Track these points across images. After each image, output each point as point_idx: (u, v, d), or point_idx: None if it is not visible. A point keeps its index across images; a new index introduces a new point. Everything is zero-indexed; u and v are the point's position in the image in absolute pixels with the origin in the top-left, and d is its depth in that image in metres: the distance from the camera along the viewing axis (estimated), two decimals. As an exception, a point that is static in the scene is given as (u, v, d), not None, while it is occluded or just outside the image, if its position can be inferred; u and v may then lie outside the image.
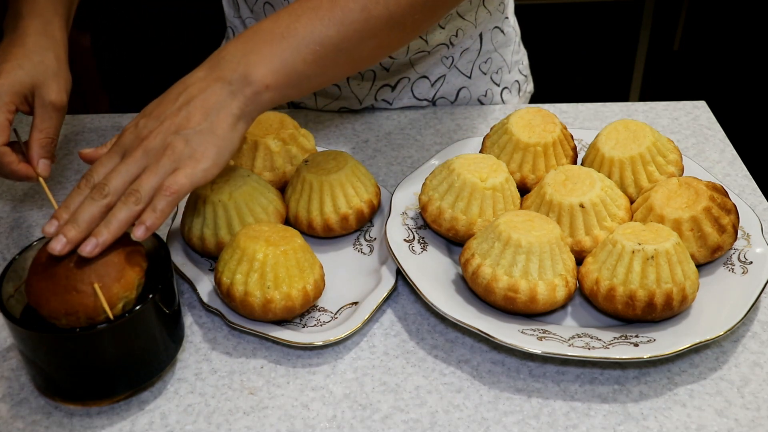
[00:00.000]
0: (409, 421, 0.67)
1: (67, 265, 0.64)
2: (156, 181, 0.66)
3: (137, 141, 0.67)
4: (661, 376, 0.70)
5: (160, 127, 0.67)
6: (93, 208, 0.65)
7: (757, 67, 2.90)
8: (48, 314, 0.64)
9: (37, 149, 0.77)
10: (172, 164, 0.66)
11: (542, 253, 0.71)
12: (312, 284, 0.73)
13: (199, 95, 0.68)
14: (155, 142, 0.66)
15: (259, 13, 1.01)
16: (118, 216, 0.65)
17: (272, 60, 0.69)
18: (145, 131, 0.67)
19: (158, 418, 0.67)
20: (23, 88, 0.77)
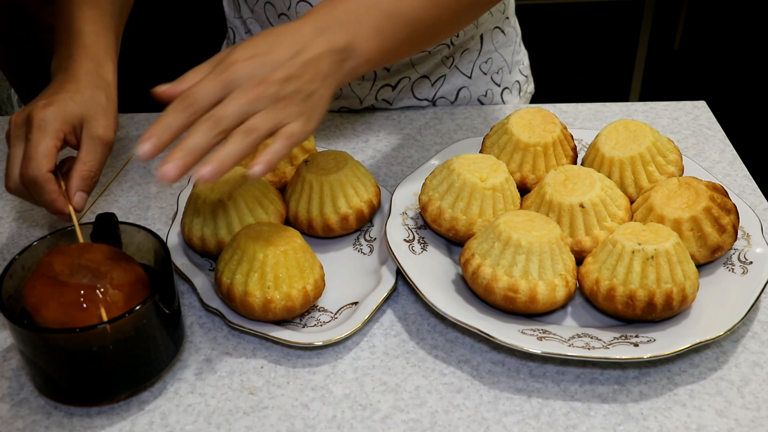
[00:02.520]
0: (409, 421, 0.67)
1: (79, 280, 0.65)
2: (273, 125, 0.65)
3: (253, 81, 0.65)
4: (661, 376, 0.70)
5: (277, 74, 0.66)
6: (206, 138, 0.63)
7: (757, 67, 2.90)
8: (43, 319, 0.64)
9: (77, 181, 0.74)
10: (286, 115, 0.66)
11: (542, 253, 0.71)
12: (312, 284, 0.73)
13: (313, 60, 0.68)
14: (272, 90, 0.66)
15: (260, 13, 1.02)
16: (238, 149, 0.64)
17: (376, 37, 0.72)
18: (262, 73, 0.66)
19: (158, 418, 0.67)
20: (73, 118, 0.75)
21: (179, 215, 0.86)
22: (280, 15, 0.99)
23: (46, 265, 0.66)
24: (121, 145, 1.02)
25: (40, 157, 0.72)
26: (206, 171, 0.62)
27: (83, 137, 0.76)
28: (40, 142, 0.72)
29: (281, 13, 0.98)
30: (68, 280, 0.65)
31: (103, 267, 0.66)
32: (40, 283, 0.66)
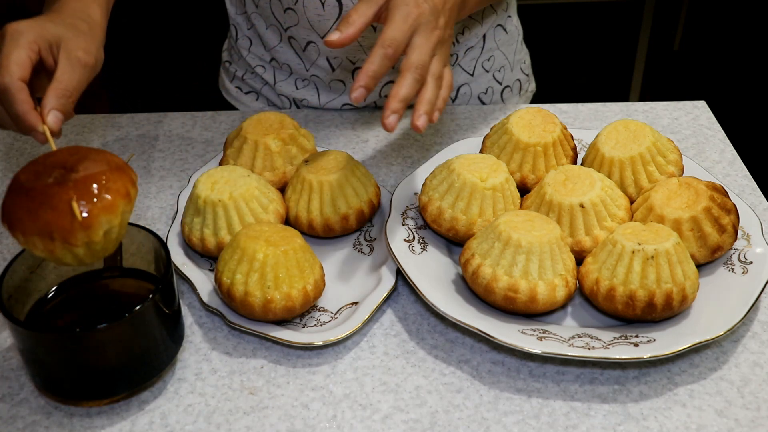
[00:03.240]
0: (409, 421, 0.67)
1: (45, 181, 0.59)
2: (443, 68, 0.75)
3: (429, 26, 0.73)
4: (661, 376, 0.70)
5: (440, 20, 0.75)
6: (415, 88, 0.71)
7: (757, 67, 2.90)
8: (23, 236, 0.59)
9: (51, 99, 0.69)
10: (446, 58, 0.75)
11: (542, 253, 0.71)
12: (312, 284, 0.73)
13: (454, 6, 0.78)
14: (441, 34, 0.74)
15: (265, 8, 1.01)
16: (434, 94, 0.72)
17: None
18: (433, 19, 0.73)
19: (158, 418, 0.67)
20: (49, 35, 0.72)
21: (179, 215, 0.86)
22: (286, 9, 0.99)
23: (14, 181, 0.61)
24: (121, 145, 1.02)
25: (11, 64, 0.68)
26: (423, 121, 0.71)
27: (60, 56, 0.72)
28: (12, 51, 0.69)
29: (287, 8, 0.98)
30: (34, 185, 0.59)
31: (69, 162, 0.61)
32: (8, 200, 0.60)
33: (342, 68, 1.03)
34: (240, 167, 0.82)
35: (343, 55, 1.01)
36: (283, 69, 1.07)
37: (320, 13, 0.96)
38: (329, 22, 0.97)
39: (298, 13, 0.98)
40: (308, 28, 0.98)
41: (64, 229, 0.58)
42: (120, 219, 0.61)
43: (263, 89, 1.11)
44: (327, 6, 0.95)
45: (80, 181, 0.59)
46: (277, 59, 1.06)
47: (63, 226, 0.58)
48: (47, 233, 0.58)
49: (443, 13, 0.75)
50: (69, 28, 0.74)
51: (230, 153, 0.89)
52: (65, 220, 0.58)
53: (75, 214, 0.58)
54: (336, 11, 0.95)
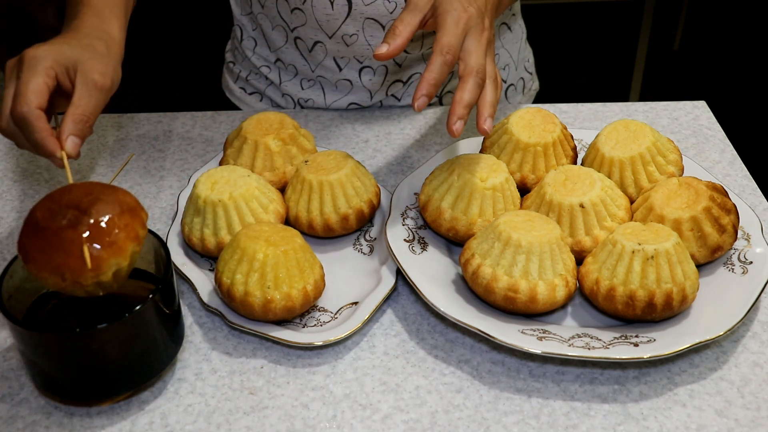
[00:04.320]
0: (409, 421, 0.67)
1: (59, 223, 0.62)
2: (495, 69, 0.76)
3: (478, 29, 0.74)
4: (661, 376, 0.70)
5: (486, 21, 0.76)
6: (477, 92, 0.73)
7: (757, 67, 2.90)
8: (36, 271, 0.62)
9: (69, 124, 0.70)
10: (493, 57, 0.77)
11: (542, 253, 0.71)
12: (312, 284, 0.73)
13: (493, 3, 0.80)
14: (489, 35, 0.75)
15: (271, 8, 1.01)
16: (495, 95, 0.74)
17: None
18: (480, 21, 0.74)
19: (158, 418, 0.67)
20: (66, 59, 0.72)
21: (179, 215, 0.86)
22: (293, 10, 0.99)
23: (30, 215, 0.63)
24: (121, 145, 1.02)
25: (29, 93, 0.69)
26: (489, 124, 0.74)
27: (77, 81, 0.72)
28: (30, 79, 0.70)
29: (294, 8, 0.98)
30: (48, 225, 0.62)
31: (83, 204, 0.63)
32: (25, 235, 0.63)
33: (349, 68, 1.03)
34: (240, 167, 0.82)
35: (351, 54, 1.01)
36: (289, 69, 1.07)
37: (329, 13, 0.96)
38: (338, 22, 0.97)
39: (306, 13, 0.97)
40: (316, 27, 0.98)
41: (75, 271, 0.61)
42: (129, 260, 0.64)
43: (267, 90, 1.11)
44: (336, 5, 0.95)
45: (92, 226, 0.62)
46: (283, 60, 1.06)
47: (74, 268, 0.61)
48: (59, 273, 0.61)
49: (486, 14, 0.76)
50: (86, 49, 0.74)
51: (230, 153, 0.89)
52: (76, 263, 0.61)
53: (85, 259, 0.61)
54: (345, 10, 0.95)
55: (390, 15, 0.96)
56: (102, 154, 1.00)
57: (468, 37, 0.73)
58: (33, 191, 0.94)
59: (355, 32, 0.97)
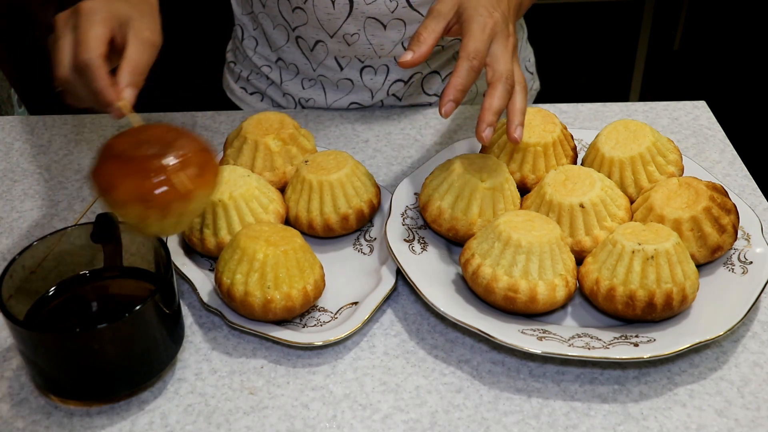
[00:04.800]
0: (409, 421, 0.67)
1: (146, 152, 0.62)
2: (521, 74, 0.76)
3: (504, 35, 0.74)
4: (661, 376, 0.70)
5: (510, 27, 0.76)
6: (506, 98, 0.73)
7: (757, 67, 2.90)
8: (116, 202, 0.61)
9: (125, 75, 0.70)
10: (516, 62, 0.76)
11: (542, 253, 0.71)
12: (312, 284, 0.73)
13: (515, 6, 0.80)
14: (513, 41, 0.76)
15: (272, 7, 1.01)
16: (524, 102, 0.75)
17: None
18: (505, 27, 0.74)
19: (158, 418, 0.67)
20: (119, 14, 0.72)
21: (179, 215, 0.86)
22: (294, 9, 0.98)
23: (109, 148, 0.63)
24: (121, 145, 1.02)
25: (92, 40, 0.69)
26: (520, 132, 0.74)
27: (129, 35, 0.72)
28: (90, 28, 0.70)
29: (296, 7, 0.98)
30: (134, 154, 0.61)
31: (167, 138, 0.63)
32: (105, 166, 0.62)
33: (350, 67, 1.03)
34: (240, 167, 0.82)
35: (352, 53, 1.01)
36: (290, 69, 1.07)
37: (330, 12, 0.96)
38: (339, 21, 0.97)
39: (307, 12, 0.97)
40: (317, 27, 0.98)
41: (165, 200, 0.60)
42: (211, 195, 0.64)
43: (268, 89, 1.11)
44: (337, 4, 0.95)
45: (181, 156, 0.62)
46: (284, 59, 1.06)
47: (164, 197, 0.60)
48: (145, 201, 0.60)
49: (510, 19, 0.76)
50: (134, 8, 0.74)
51: (230, 153, 0.89)
52: (167, 190, 0.60)
53: (178, 186, 0.60)
54: (346, 9, 0.95)
55: (391, 14, 0.96)
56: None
57: (494, 43, 0.73)
58: (33, 191, 0.94)
59: (357, 31, 0.97)
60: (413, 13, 0.96)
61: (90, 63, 0.69)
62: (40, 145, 1.02)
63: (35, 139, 1.03)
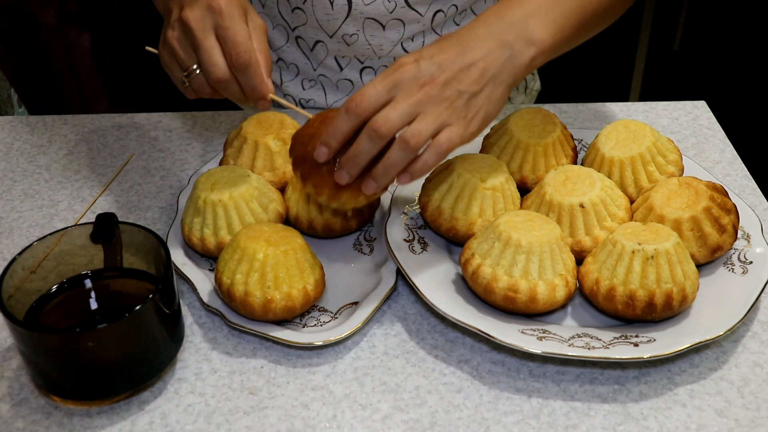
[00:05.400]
0: (409, 421, 0.67)
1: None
2: (433, 129, 0.68)
3: (416, 84, 0.68)
4: (661, 376, 0.70)
5: (441, 76, 0.68)
6: (371, 149, 0.68)
7: (757, 67, 2.90)
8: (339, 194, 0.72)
9: (265, 67, 0.74)
10: (446, 118, 0.68)
11: (542, 253, 0.71)
12: (312, 284, 0.73)
13: (482, 58, 0.69)
14: (434, 91, 0.68)
15: (272, 7, 1.01)
16: (395, 163, 0.69)
17: (550, 24, 0.71)
18: (426, 76, 0.68)
19: (158, 418, 0.67)
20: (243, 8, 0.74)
21: (179, 215, 0.86)
22: (294, 9, 0.98)
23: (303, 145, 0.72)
24: (121, 145, 1.02)
25: (246, 41, 0.71)
26: (371, 189, 0.71)
27: (250, 26, 0.74)
28: (239, 28, 0.72)
29: (295, 8, 0.98)
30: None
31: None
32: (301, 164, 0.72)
33: (350, 68, 1.03)
34: (240, 167, 0.82)
35: (352, 54, 1.01)
36: (290, 69, 1.07)
37: (329, 12, 0.96)
38: (338, 22, 0.97)
39: (307, 13, 0.97)
40: (316, 27, 0.98)
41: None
42: None
43: None
44: (336, 5, 0.95)
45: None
46: (284, 59, 1.06)
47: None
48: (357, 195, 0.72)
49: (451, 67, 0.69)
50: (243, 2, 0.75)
51: (230, 153, 0.89)
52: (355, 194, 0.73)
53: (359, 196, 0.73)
54: (345, 10, 0.95)
55: (390, 14, 0.95)
56: (102, 154, 1.00)
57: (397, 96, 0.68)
58: (33, 191, 0.94)
59: (356, 32, 0.97)
60: (412, 12, 0.96)
61: (251, 62, 0.72)
62: (40, 145, 1.02)
63: (35, 139, 1.03)
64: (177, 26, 0.74)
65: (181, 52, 0.74)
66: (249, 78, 0.72)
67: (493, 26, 0.71)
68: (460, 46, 0.70)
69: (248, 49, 0.71)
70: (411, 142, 0.67)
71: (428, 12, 0.96)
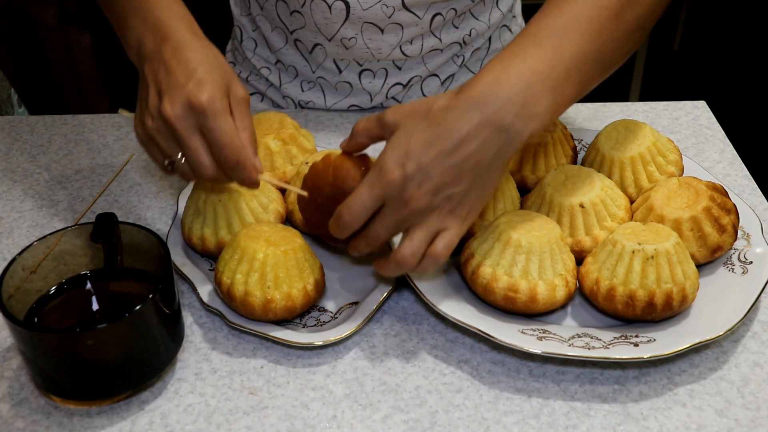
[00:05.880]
0: (409, 421, 0.67)
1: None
2: (423, 247, 0.67)
3: (402, 199, 0.65)
4: (661, 376, 0.70)
5: (428, 184, 0.64)
6: (366, 250, 0.70)
7: (757, 67, 2.90)
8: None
9: (251, 147, 0.72)
10: (438, 225, 0.66)
11: (542, 253, 0.71)
12: (312, 284, 0.73)
13: (475, 151, 0.64)
14: (422, 204, 0.65)
15: (270, 10, 1.01)
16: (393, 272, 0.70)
17: (548, 94, 0.65)
18: (412, 186, 0.64)
19: (158, 417, 0.67)
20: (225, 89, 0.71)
21: (179, 215, 0.86)
22: (292, 12, 0.98)
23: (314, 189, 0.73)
24: (121, 145, 1.02)
25: (237, 141, 0.69)
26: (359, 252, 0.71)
27: (232, 103, 0.72)
28: (225, 126, 0.69)
29: (294, 11, 0.98)
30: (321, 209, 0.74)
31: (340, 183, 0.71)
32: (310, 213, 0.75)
33: (349, 70, 1.03)
34: (240, 167, 0.82)
35: (350, 56, 1.01)
36: (289, 71, 1.07)
37: (327, 16, 0.96)
38: (336, 25, 0.96)
39: (305, 16, 0.97)
40: (314, 30, 0.98)
41: None
42: None
43: (268, 91, 1.11)
44: (334, 9, 0.95)
45: None
46: (283, 61, 1.06)
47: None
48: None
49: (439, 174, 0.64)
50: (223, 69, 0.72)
51: (230, 153, 0.89)
52: None
53: None
54: (343, 14, 0.95)
55: (388, 19, 0.95)
56: (102, 154, 1.00)
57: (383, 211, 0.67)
58: (33, 191, 0.94)
59: (354, 35, 0.97)
60: (410, 16, 0.96)
61: (243, 162, 0.70)
62: (40, 145, 1.02)
63: (35, 139, 1.03)
64: (158, 119, 0.70)
65: (162, 143, 0.71)
66: (238, 173, 0.71)
67: (489, 106, 0.63)
68: (450, 139, 0.63)
69: (237, 149, 0.69)
70: (405, 265, 0.68)
71: (426, 15, 0.96)
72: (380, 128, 0.69)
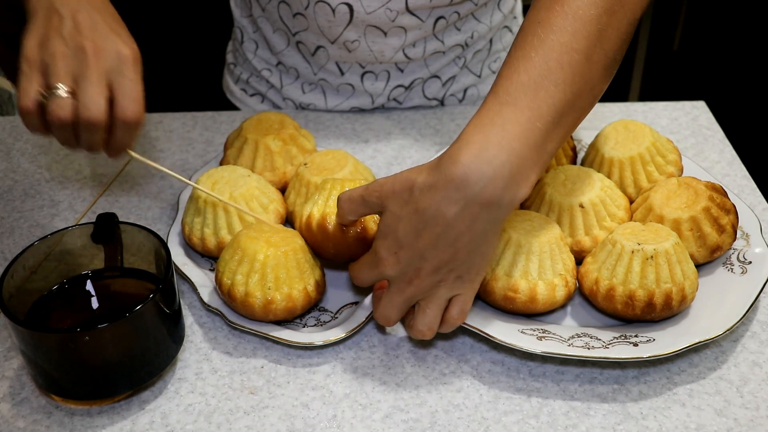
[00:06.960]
0: (409, 420, 0.67)
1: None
2: (438, 317, 0.68)
3: (404, 279, 0.66)
4: (660, 376, 0.70)
5: (426, 266, 0.64)
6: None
7: (757, 67, 2.90)
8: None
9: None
10: (448, 294, 0.67)
11: (542, 253, 0.72)
12: (313, 285, 0.73)
13: (466, 231, 0.63)
14: (426, 282, 0.65)
15: (272, 12, 1.01)
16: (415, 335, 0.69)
17: (532, 156, 0.63)
18: (411, 270, 0.65)
19: (159, 417, 0.68)
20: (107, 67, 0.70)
21: (179, 215, 0.86)
22: (295, 15, 0.98)
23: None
24: (121, 145, 1.02)
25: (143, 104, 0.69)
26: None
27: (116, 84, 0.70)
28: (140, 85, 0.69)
29: (296, 13, 0.98)
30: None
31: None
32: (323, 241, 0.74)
33: (351, 72, 1.02)
34: (240, 167, 0.82)
35: (353, 59, 1.01)
36: (290, 73, 1.07)
37: (330, 19, 0.96)
38: (339, 28, 0.96)
39: (308, 19, 0.97)
40: (317, 33, 0.98)
41: None
42: None
43: (269, 92, 1.10)
44: (337, 13, 0.95)
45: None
46: (284, 63, 1.06)
47: None
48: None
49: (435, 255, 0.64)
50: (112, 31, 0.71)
51: (230, 153, 0.89)
52: None
53: None
54: (346, 18, 0.95)
55: (391, 22, 0.95)
56: (102, 154, 1.00)
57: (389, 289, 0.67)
58: (33, 191, 0.94)
59: (357, 38, 0.97)
60: (413, 19, 0.96)
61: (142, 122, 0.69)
62: (41, 145, 1.02)
63: (35, 139, 1.03)
64: (71, 45, 0.67)
65: (59, 62, 0.67)
66: (127, 134, 0.69)
67: (474, 185, 0.61)
68: (438, 224, 0.62)
69: (142, 110, 0.68)
70: (423, 338, 0.68)
71: (430, 19, 0.96)
72: (365, 207, 0.68)
